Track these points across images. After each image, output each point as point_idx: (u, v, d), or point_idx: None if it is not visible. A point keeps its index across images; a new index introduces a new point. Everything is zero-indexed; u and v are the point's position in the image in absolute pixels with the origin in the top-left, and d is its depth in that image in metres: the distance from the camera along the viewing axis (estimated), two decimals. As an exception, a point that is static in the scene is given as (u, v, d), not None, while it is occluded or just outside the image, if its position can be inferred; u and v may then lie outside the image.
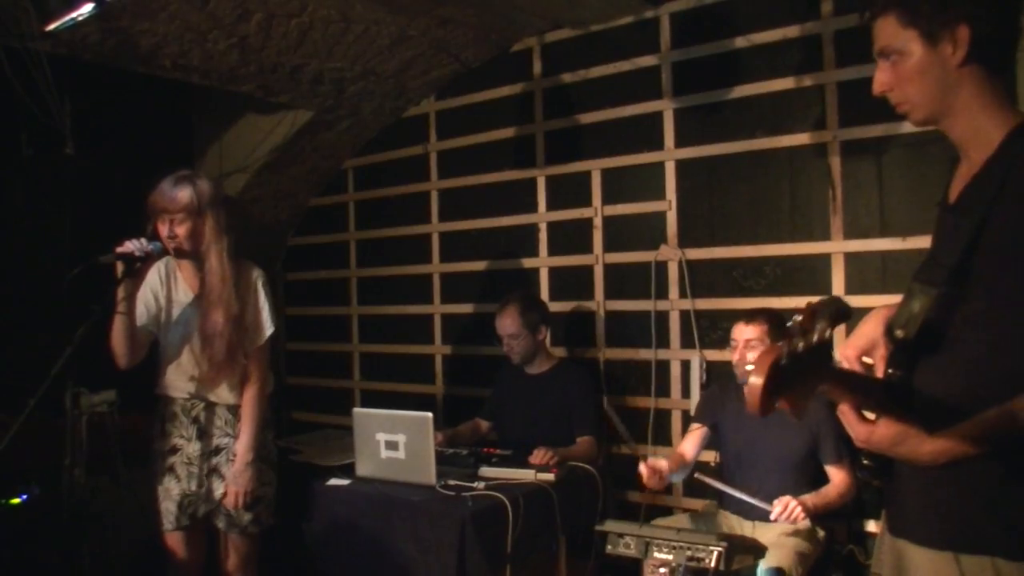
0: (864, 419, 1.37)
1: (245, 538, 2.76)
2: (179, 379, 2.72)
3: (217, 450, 2.73)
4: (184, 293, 2.73)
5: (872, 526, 3.08)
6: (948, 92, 1.40)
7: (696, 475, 3.02)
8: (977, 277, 1.36)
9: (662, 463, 2.82)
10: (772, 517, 2.71)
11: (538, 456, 3.15)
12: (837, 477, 2.87)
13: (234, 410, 2.75)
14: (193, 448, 2.72)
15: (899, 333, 1.40)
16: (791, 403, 1.17)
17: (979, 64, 1.38)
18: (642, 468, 2.79)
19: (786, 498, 2.70)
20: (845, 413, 1.39)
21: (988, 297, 1.35)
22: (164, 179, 2.63)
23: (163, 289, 2.73)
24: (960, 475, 1.35)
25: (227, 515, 2.71)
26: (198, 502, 2.70)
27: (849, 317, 1.28)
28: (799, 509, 2.68)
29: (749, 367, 1.16)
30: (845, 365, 1.51)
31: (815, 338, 1.14)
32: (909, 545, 1.45)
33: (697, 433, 3.10)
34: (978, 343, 1.36)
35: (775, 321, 2.94)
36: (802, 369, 1.14)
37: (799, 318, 1.17)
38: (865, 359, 1.51)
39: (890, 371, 1.45)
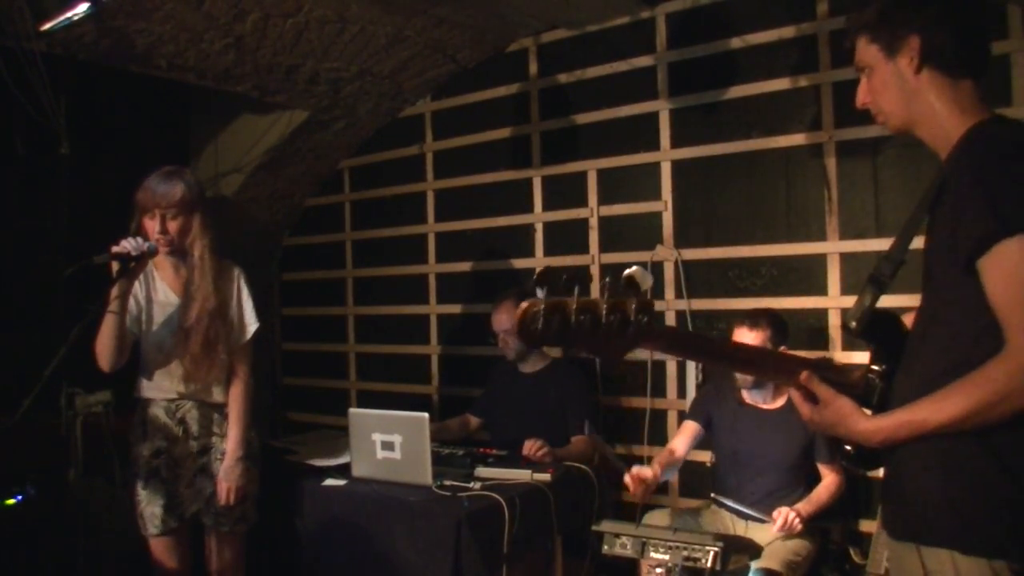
0: (810, 400, 1.48)
1: (233, 537, 2.76)
2: (164, 379, 2.71)
3: (205, 450, 2.72)
4: (164, 293, 2.73)
5: (867, 526, 3.09)
6: (912, 100, 1.51)
7: (712, 495, 3.05)
8: (929, 274, 1.45)
9: (646, 472, 2.80)
10: (774, 530, 2.73)
11: (529, 447, 3.15)
12: (828, 477, 2.90)
13: (221, 409, 2.75)
14: (180, 449, 2.71)
15: (852, 325, 1.51)
16: (595, 354, 1.27)
17: (938, 70, 1.48)
18: (627, 479, 2.79)
19: (785, 509, 2.73)
20: (793, 394, 1.51)
21: (939, 293, 1.43)
22: (150, 176, 2.63)
23: (142, 290, 2.71)
24: (923, 470, 1.40)
25: (216, 513, 2.70)
26: (186, 503, 2.69)
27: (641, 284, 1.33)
28: (797, 520, 2.71)
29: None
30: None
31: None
32: (890, 540, 1.50)
33: (690, 430, 3.10)
34: (937, 337, 1.43)
35: (776, 324, 2.93)
36: (590, 333, 1.25)
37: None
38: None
39: (872, 366, 1.54)
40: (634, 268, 1.27)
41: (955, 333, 1.38)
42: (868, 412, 1.47)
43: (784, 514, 2.71)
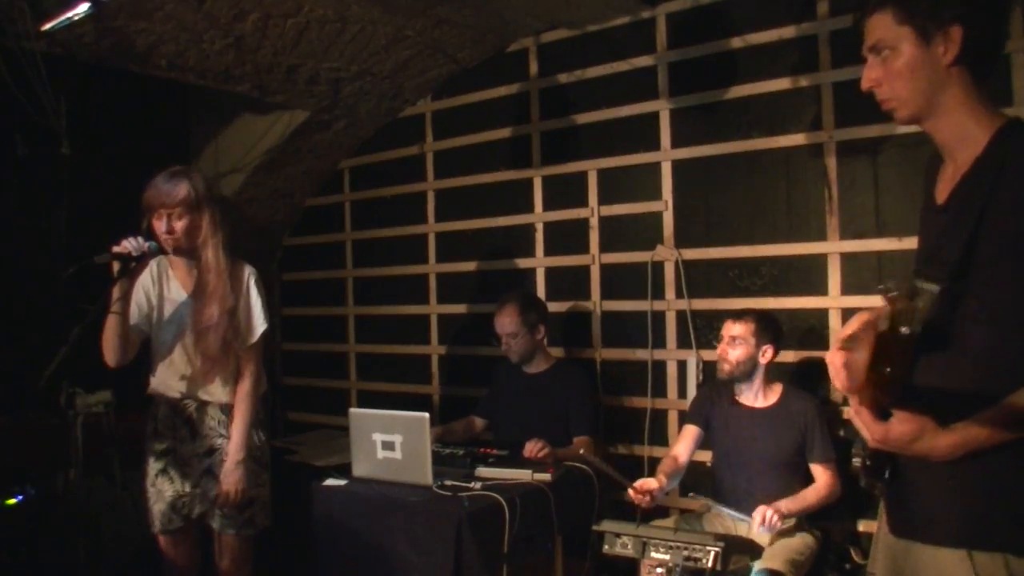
0: (880, 415, 1.36)
1: (240, 539, 2.75)
2: (172, 378, 2.71)
3: (211, 451, 2.72)
4: (177, 292, 2.73)
5: (867, 526, 3.08)
6: (936, 91, 1.43)
7: (690, 495, 3.04)
8: (978, 273, 1.38)
9: (651, 483, 2.79)
10: (754, 530, 2.70)
11: (530, 448, 3.16)
12: (821, 478, 2.88)
13: (227, 410, 2.74)
14: (187, 449, 2.71)
15: (904, 330, 1.38)
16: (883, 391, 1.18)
17: (967, 66, 1.41)
18: (631, 493, 2.77)
19: (762, 508, 2.68)
20: (862, 412, 1.36)
21: (990, 293, 1.37)
22: (158, 175, 2.63)
23: (155, 288, 2.72)
24: (972, 472, 1.35)
25: (222, 516, 2.70)
26: (192, 503, 2.69)
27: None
28: (775, 517, 2.65)
29: (841, 348, 1.16)
30: (831, 369, 1.51)
31: (919, 327, 1.15)
32: (917, 545, 1.45)
33: (690, 434, 3.10)
34: (982, 338, 1.37)
35: (764, 320, 2.96)
36: (905, 354, 1.15)
37: (895, 293, 1.17)
38: None
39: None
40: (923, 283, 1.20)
41: (1011, 331, 1.34)
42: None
43: (762, 512, 2.66)
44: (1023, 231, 1.32)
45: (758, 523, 2.67)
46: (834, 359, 1.28)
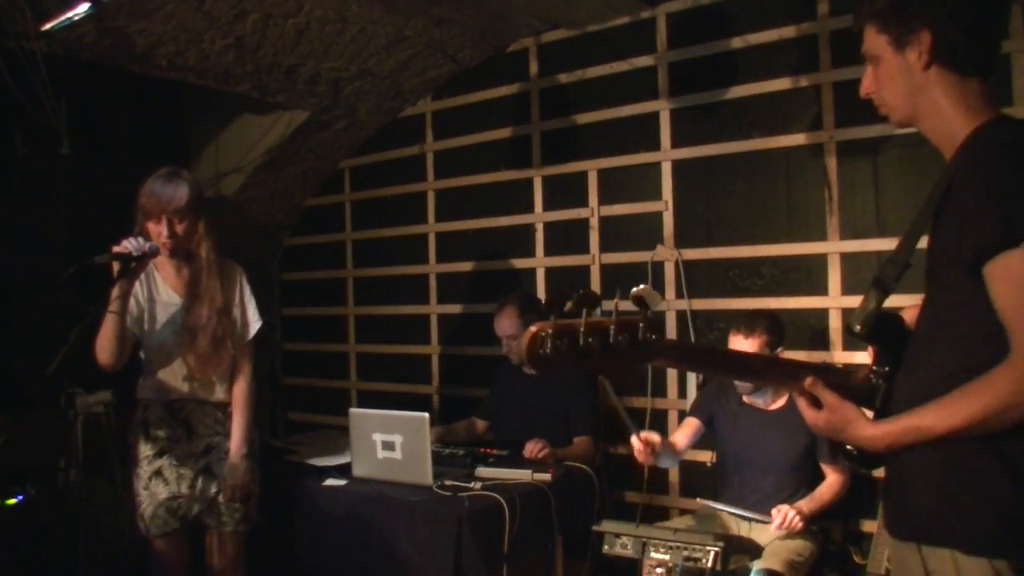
0: (814, 405, 1.47)
1: (235, 536, 2.76)
2: (169, 379, 2.71)
3: (208, 449, 2.72)
4: (167, 294, 2.73)
5: (868, 526, 3.09)
6: (918, 95, 1.47)
7: (698, 500, 3.03)
8: (932, 278, 1.42)
9: (655, 436, 2.78)
10: (772, 528, 2.71)
11: (531, 448, 3.16)
12: (831, 476, 2.89)
13: (223, 408, 2.75)
14: (183, 449, 2.70)
15: (857, 328, 1.49)
16: (605, 374, 1.26)
17: (947, 67, 1.44)
18: (634, 440, 2.74)
19: (784, 507, 2.71)
20: (797, 399, 1.49)
21: (940, 297, 1.41)
22: (151, 180, 2.62)
23: (143, 291, 2.71)
24: (925, 470, 1.39)
25: (218, 513, 2.71)
26: (189, 503, 2.69)
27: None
28: (797, 518, 2.68)
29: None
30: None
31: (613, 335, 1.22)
32: (891, 539, 1.49)
33: (691, 426, 3.10)
34: (943, 339, 1.41)
35: (772, 327, 2.91)
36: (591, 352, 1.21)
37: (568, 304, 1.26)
38: None
39: (875, 368, 1.52)
40: (642, 287, 1.27)
41: (962, 335, 1.37)
42: (870, 416, 1.47)
43: (783, 512, 2.69)
44: (961, 240, 1.33)
45: (778, 523, 2.68)
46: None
